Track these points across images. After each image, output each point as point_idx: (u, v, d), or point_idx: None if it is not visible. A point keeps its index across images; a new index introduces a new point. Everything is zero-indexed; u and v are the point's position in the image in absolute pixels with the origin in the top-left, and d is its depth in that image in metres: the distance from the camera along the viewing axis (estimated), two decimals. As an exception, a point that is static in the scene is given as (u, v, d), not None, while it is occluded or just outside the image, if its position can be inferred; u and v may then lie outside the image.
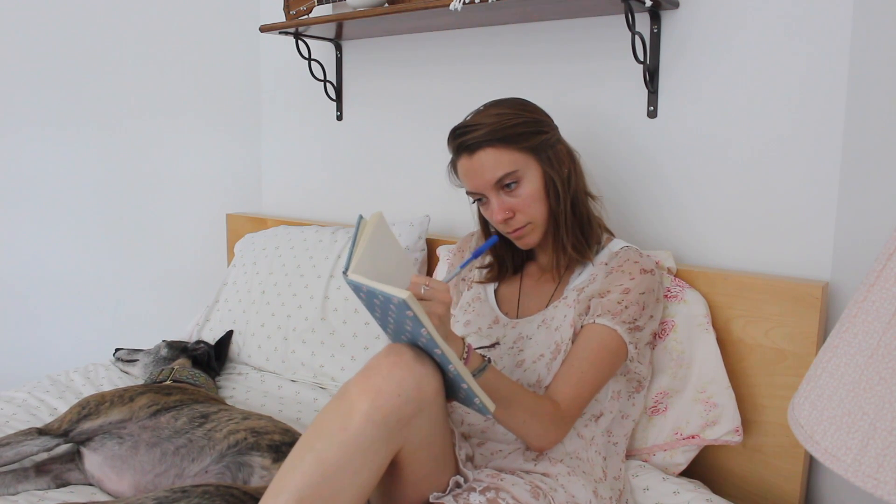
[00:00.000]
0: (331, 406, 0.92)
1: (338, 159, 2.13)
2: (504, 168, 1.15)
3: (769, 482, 1.31)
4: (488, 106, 1.21)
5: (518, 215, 1.18)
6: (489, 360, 1.03)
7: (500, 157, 1.15)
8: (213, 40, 2.20)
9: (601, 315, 1.15)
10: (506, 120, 1.15)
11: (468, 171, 1.18)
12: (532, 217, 1.19)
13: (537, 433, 1.08)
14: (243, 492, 1.04)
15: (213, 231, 2.29)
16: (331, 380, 1.70)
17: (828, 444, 0.64)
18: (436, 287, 0.95)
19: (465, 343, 1.01)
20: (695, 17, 1.43)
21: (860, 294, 0.67)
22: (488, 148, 1.14)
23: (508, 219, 1.19)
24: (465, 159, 1.17)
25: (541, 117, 1.21)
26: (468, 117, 1.20)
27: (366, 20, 1.67)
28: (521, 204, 1.17)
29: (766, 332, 1.29)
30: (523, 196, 1.17)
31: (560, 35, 1.62)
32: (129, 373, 1.77)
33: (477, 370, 1.01)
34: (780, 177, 1.37)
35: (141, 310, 2.14)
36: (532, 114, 1.20)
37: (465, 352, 1.00)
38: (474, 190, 1.19)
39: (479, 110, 1.21)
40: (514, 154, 1.15)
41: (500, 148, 1.14)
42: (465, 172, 1.19)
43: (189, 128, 2.19)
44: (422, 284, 0.95)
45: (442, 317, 0.94)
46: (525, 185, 1.17)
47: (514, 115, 1.17)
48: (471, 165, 1.17)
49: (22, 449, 1.24)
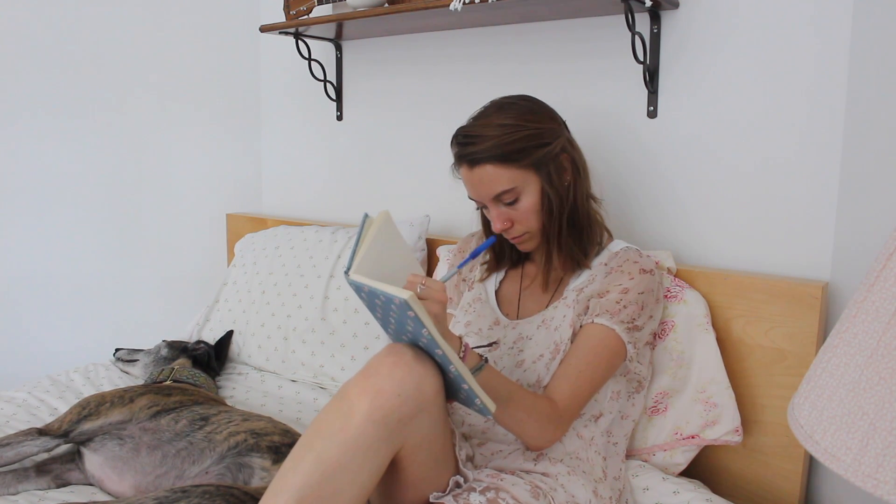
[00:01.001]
0: (331, 406, 0.92)
1: (338, 159, 2.13)
2: (503, 185, 1.16)
3: (769, 482, 1.31)
4: (494, 109, 1.20)
5: (516, 225, 1.21)
6: (486, 359, 1.03)
7: (500, 174, 1.15)
8: (213, 40, 2.20)
9: (599, 315, 1.15)
10: (509, 135, 1.15)
11: (468, 181, 1.20)
12: (529, 227, 1.21)
13: (535, 432, 1.08)
14: (244, 492, 1.04)
15: (213, 231, 2.29)
16: (331, 380, 1.70)
17: (828, 444, 0.64)
18: (432, 286, 0.96)
19: (462, 342, 1.01)
20: (695, 17, 1.43)
21: (860, 294, 0.67)
22: (487, 165, 1.15)
23: (507, 228, 1.21)
24: (465, 170, 1.19)
25: (545, 125, 1.19)
26: (473, 120, 1.20)
27: (366, 20, 1.67)
28: (518, 216, 1.19)
29: (766, 332, 1.29)
30: (521, 210, 1.19)
31: (560, 35, 1.62)
32: (129, 373, 1.77)
33: (474, 369, 1.01)
34: (780, 177, 1.37)
35: (141, 310, 2.14)
36: (537, 123, 1.18)
37: (462, 351, 1.00)
38: (474, 198, 1.22)
39: (484, 113, 1.20)
40: (513, 172, 1.15)
41: (500, 166, 1.15)
42: (465, 180, 1.21)
43: (189, 128, 2.19)
44: (418, 283, 0.95)
45: (438, 315, 0.95)
46: (523, 199, 1.18)
47: (517, 127, 1.15)
48: (471, 177, 1.18)
49: (22, 449, 1.24)
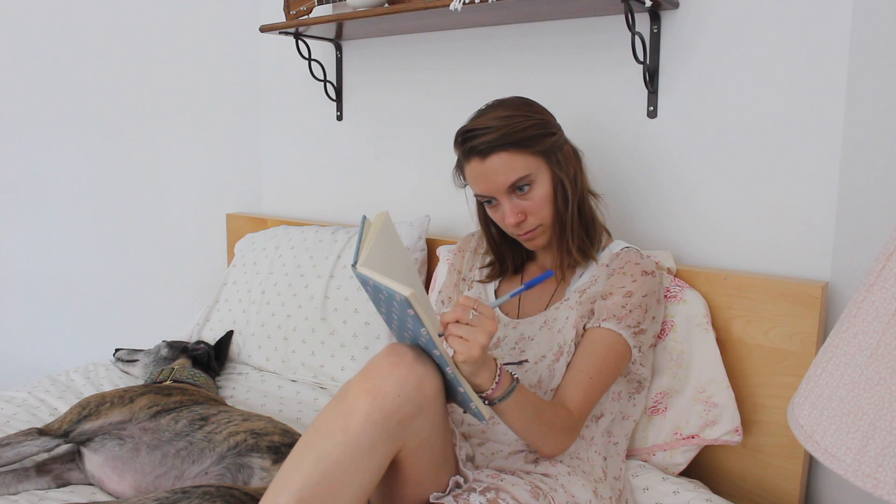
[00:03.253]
0: (331, 406, 0.92)
1: (338, 159, 2.13)
2: (518, 172, 1.15)
3: (769, 482, 1.31)
4: (493, 107, 1.20)
5: (529, 218, 1.19)
6: (518, 379, 1.00)
7: (514, 161, 1.14)
8: (213, 40, 2.20)
9: (606, 319, 1.15)
10: (516, 123, 1.14)
11: (480, 174, 1.17)
12: (542, 219, 1.19)
13: (553, 444, 1.07)
14: (244, 492, 1.04)
15: (213, 231, 2.29)
16: (331, 380, 1.70)
17: (828, 444, 0.64)
18: (484, 314, 0.92)
19: (497, 364, 0.97)
20: (694, 17, 1.43)
21: (860, 294, 0.67)
22: (501, 152, 1.14)
23: (520, 222, 1.18)
24: (475, 163, 1.16)
25: (547, 118, 1.21)
26: (473, 119, 1.19)
27: (366, 20, 1.67)
28: (532, 206, 1.18)
29: (766, 332, 1.29)
30: (535, 199, 1.17)
31: (560, 35, 1.62)
32: (129, 373, 1.77)
33: (508, 391, 0.97)
34: (780, 177, 1.37)
35: (141, 310, 2.14)
36: (540, 115, 1.19)
37: (498, 374, 0.96)
38: (486, 193, 1.18)
39: (483, 112, 1.20)
40: (526, 158, 1.15)
41: (513, 152, 1.14)
42: (476, 176, 1.18)
43: (189, 128, 2.19)
44: (470, 308, 0.92)
45: (485, 347, 0.91)
46: (537, 188, 1.17)
47: (523, 117, 1.16)
48: (483, 169, 1.15)
49: (22, 449, 1.24)
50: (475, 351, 0.90)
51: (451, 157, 1.23)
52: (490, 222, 1.30)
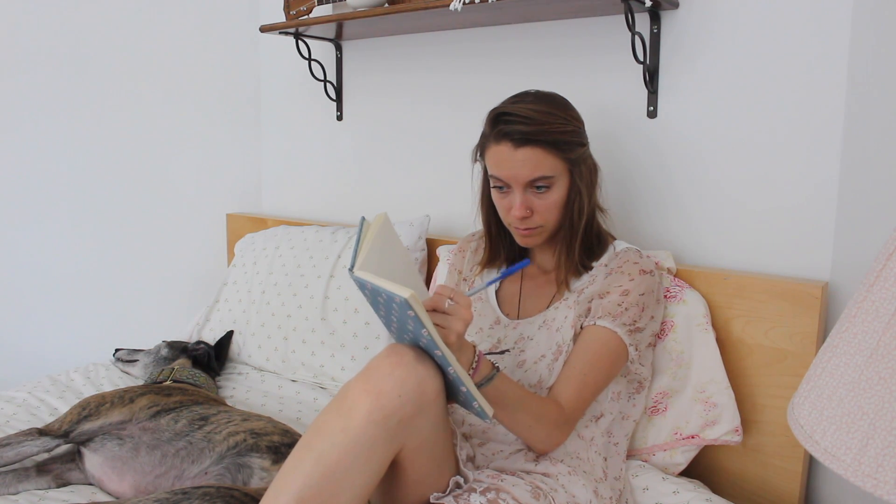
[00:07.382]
0: (331, 406, 0.92)
1: (338, 159, 2.13)
2: (543, 171, 1.14)
3: (769, 482, 1.32)
4: (536, 98, 1.17)
5: (535, 216, 1.19)
6: (498, 367, 1.03)
7: (544, 159, 1.14)
8: (213, 40, 2.20)
9: (602, 317, 1.15)
10: (559, 124, 1.14)
11: (505, 159, 1.15)
12: (546, 221, 1.20)
13: (542, 437, 1.09)
14: (244, 493, 1.04)
15: (213, 231, 2.29)
16: (331, 380, 1.70)
17: (828, 444, 0.64)
18: (460, 302, 0.94)
19: (475, 350, 1.00)
20: (695, 17, 1.43)
21: (860, 294, 0.67)
22: (535, 147, 1.13)
23: (526, 217, 1.18)
24: (505, 147, 1.14)
25: (582, 127, 1.22)
26: (513, 103, 1.17)
27: (366, 20, 1.67)
28: (542, 206, 1.18)
29: (766, 332, 1.29)
30: (548, 201, 1.17)
31: (560, 35, 1.62)
32: (129, 373, 1.77)
33: (486, 378, 1.00)
34: (780, 177, 1.37)
35: (141, 310, 2.14)
36: (577, 122, 1.20)
37: (476, 360, 0.99)
38: (504, 179, 1.17)
39: (523, 98, 1.18)
40: (555, 160, 1.15)
41: (546, 150, 1.14)
42: (500, 160, 1.16)
43: (189, 128, 2.19)
44: (446, 298, 0.94)
45: (460, 334, 0.94)
46: (554, 191, 1.17)
47: (564, 120, 1.16)
48: (512, 156, 1.14)
49: (22, 449, 1.24)
50: (451, 338, 0.93)
51: (451, 157, 1.23)
52: (490, 204, 1.29)
